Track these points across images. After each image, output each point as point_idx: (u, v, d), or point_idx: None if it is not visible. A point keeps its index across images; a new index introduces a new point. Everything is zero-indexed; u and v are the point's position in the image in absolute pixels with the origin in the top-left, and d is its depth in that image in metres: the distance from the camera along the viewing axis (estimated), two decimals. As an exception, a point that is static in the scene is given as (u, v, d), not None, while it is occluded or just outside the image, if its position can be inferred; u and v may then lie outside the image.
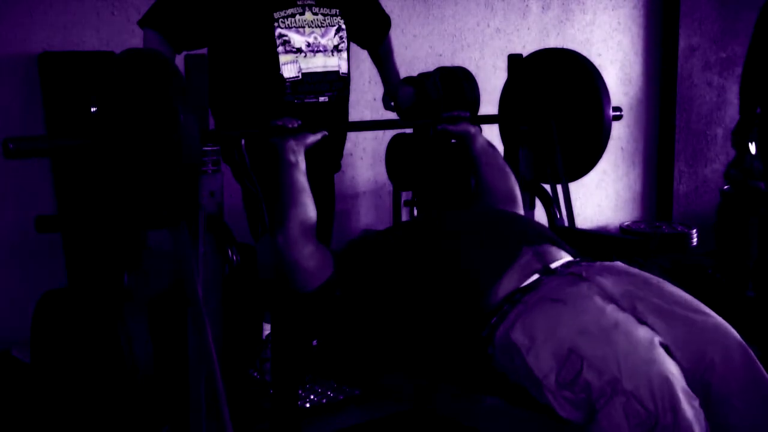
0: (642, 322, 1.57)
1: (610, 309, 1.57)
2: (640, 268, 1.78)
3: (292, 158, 1.89)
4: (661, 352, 1.50)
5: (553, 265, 1.73)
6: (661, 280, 1.70)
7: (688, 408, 1.43)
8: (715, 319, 1.61)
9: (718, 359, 1.55)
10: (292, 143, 1.90)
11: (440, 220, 1.97)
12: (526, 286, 1.68)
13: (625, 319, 1.55)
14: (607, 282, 1.66)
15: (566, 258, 1.79)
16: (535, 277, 1.70)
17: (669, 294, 1.65)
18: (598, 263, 1.75)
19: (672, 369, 1.48)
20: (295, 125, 1.94)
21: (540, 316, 1.58)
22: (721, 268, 3.89)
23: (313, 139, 1.95)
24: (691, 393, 1.46)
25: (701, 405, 1.48)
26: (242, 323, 2.01)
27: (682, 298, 1.65)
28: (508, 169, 2.23)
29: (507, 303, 1.65)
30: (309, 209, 1.85)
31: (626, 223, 4.76)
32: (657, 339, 1.52)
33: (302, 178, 1.88)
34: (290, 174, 1.87)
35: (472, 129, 2.25)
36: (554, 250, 1.79)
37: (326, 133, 2.01)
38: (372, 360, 2.23)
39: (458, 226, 1.93)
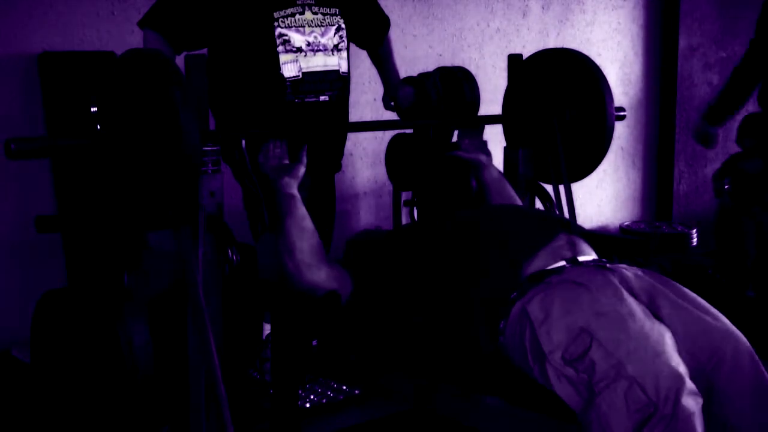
0: (657, 316, 1.60)
1: (629, 299, 1.60)
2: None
3: (290, 191, 1.97)
4: (671, 347, 1.52)
5: (581, 258, 1.77)
6: (680, 285, 1.74)
7: (690, 403, 1.44)
8: (729, 324, 1.65)
9: (728, 359, 1.58)
10: (287, 179, 1.98)
11: (473, 212, 2.04)
12: (551, 269, 1.72)
13: (641, 310, 1.58)
14: (630, 275, 1.70)
15: (594, 256, 1.83)
16: (562, 263, 1.74)
17: (687, 295, 1.69)
18: (623, 264, 1.79)
19: (679, 364, 1.49)
20: (283, 158, 2.01)
21: (559, 295, 1.61)
22: (721, 268, 3.89)
23: (303, 169, 2.02)
24: (696, 391, 1.47)
25: (703, 404, 1.49)
26: (242, 323, 2.01)
27: (700, 301, 1.69)
28: (516, 199, 2.30)
29: (530, 281, 1.69)
30: (314, 235, 1.93)
31: (626, 223, 4.76)
32: (668, 335, 1.54)
33: (302, 207, 1.96)
34: (291, 205, 1.95)
35: (484, 158, 2.33)
36: (585, 246, 1.84)
37: (305, 145, 2.04)
38: (374, 358, 2.23)
39: (497, 213, 2.02)
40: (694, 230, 4.53)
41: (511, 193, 2.30)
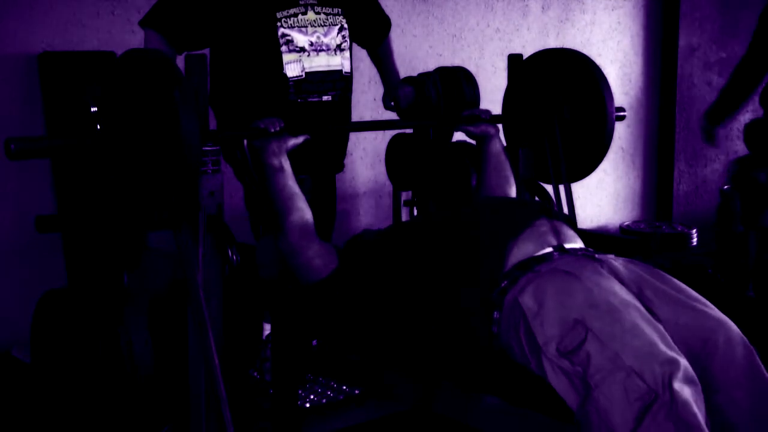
0: (647, 307, 1.60)
1: (620, 289, 1.60)
2: None
3: (276, 162, 1.90)
4: (665, 335, 1.52)
5: (568, 246, 1.75)
6: (668, 275, 1.74)
7: (688, 388, 1.44)
8: (719, 313, 1.65)
9: (721, 347, 1.58)
10: (274, 147, 1.91)
11: (455, 206, 2.06)
12: (539, 255, 1.71)
13: (633, 301, 1.58)
14: (619, 266, 1.70)
15: (580, 244, 1.82)
16: (549, 250, 1.72)
17: (676, 285, 1.70)
18: (611, 255, 1.78)
19: (675, 351, 1.49)
20: (278, 127, 1.93)
21: (551, 285, 1.60)
22: (721, 268, 3.89)
23: (294, 142, 1.95)
24: (694, 375, 1.46)
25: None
26: (242, 323, 2.01)
27: (689, 291, 1.69)
28: (512, 179, 2.27)
29: (519, 269, 1.67)
30: (304, 212, 1.88)
31: (626, 223, 4.76)
32: (661, 326, 1.54)
33: (290, 182, 1.90)
34: (277, 179, 1.89)
35: (492, 130, 2.30)
36: (570, 232, 1.82)
37: (308, 136, 2.00)
38: (373, 356, 2.23)
39: (478, 202, 2.02)
40: (694, 230, 4.53)
41: (508, 170, 2.27)
